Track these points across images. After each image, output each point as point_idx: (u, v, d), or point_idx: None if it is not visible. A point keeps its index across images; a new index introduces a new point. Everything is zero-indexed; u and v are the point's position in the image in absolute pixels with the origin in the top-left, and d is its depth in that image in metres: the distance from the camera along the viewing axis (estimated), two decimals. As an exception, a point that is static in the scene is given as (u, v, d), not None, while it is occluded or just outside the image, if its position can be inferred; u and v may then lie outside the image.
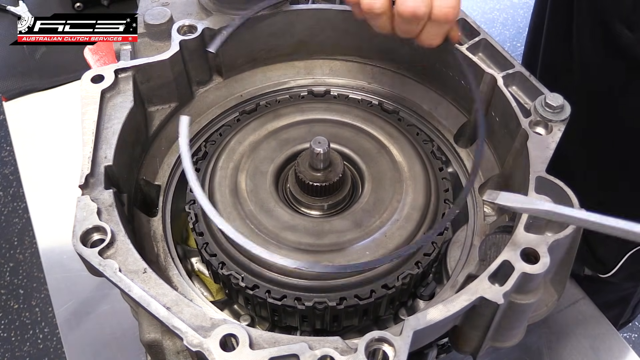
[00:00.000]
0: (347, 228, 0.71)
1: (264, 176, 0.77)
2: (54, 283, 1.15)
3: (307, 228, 0.72)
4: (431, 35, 0.72)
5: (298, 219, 0.73)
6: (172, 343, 0.68)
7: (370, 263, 0.67)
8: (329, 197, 0.75)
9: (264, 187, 0.76)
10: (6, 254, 2.62)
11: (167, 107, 0.86)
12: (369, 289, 0.68)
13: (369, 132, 0.81)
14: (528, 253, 0.60)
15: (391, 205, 0.73)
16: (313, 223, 0.73)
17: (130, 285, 0.59)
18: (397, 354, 0.53)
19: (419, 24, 0.70)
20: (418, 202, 0.73)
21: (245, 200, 0.74)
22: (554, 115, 0.71)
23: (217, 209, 0.72)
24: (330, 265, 0.68)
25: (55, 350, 2.34)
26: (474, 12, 3.74)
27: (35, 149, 1.38)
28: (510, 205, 0.59)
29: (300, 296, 0.67)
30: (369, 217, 0.72)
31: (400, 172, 0.77)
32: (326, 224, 0.72)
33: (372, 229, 0.71)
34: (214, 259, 0.70)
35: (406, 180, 0.76)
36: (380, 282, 0.68)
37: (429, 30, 0.71)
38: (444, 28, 0.71)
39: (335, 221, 0.73)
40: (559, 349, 1.05)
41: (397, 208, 0.73)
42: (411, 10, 0.67)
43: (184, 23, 0.84)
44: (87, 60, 1.46)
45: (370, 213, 0.73)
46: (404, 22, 0.70)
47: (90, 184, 0.68)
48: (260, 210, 0.73)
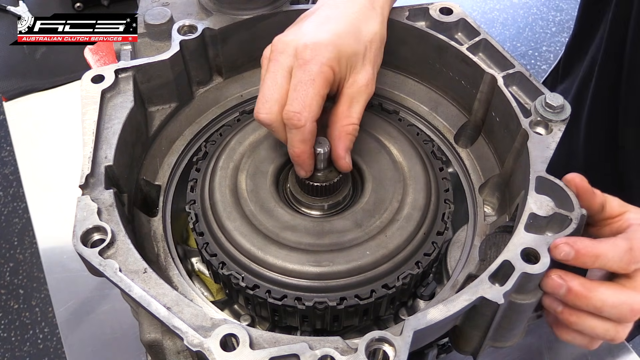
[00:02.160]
0: (348, 228, 0.71)
1: (264, 176, 0.77)
2: (54, 283, 1.15)
3: (308, 228, 0.71)
4: (291, 144, 0.68)
5: (298, 219, 0.73)
6: (173, 343, 0.68)
7: None
8: (329, 197, 0.75)
9: (264, 187, 0.75)
10: (6, 254, 2.62)
11: (168, 107, 0.86)
12: (369, 289, 0.68)
13: (369, 132, 0.81)
14: (528, 253, 0.60)
15: (391, 205, 0.73)
16: (313, 223, 0.73)
17: (131, 285, 0.59)
18: (397, 353, 0.53)
19: (273, 127, 0.69)
20: (418, 202, 0.73)
21: (245, 200, 0.74)
22: (554, 115, 0.71)
23: (218, 208, 0.72)
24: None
25: (55, 350, 2.34)
26: (474, 12, 3.74)
27: (35, 149, 1.38)
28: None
29: (301, 296, 0.67)
30: (370, 217, 0.72)
31: (400, 172, 0.77)
32: (326, 223, 0.72)
33: (372, 229, 0.71)
34: (214, 258, 0.70)
35: (406, 180, 0.76)
36: (381, 282, 0.68)
37: (288, 136, 0.68)
38: (298, 136, 0.67)
39: (336, 221, 0.73)
40: (559, 349, 1.05)
41: (397, 208, 0.73)
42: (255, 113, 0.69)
43: (184, 23, 0.84)
44: (87, 60, 1.46)
45: (370, 213, 0.73)
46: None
47: (90, 184, 0.68)
48: (260, 210, 0.73)
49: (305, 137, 0.67)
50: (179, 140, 0.88)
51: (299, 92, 0.66)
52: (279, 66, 0.68)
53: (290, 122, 0.66)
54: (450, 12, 0.85)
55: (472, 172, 0.84)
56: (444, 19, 0.84)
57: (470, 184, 0.83)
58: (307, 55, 0.67)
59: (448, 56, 0.83)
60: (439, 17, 0.85)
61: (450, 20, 0.84)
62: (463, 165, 0.85)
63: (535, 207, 0.63)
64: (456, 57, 0.81)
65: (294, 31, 0.72)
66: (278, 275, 0.68)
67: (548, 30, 3.68)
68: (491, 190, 0.81)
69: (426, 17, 0.86)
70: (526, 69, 0.77)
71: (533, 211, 0.63)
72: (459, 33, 0.85)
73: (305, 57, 0.67)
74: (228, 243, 0.70)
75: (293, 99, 0.66)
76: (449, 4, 0.86)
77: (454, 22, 0.84)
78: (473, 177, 0.83)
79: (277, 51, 0.70)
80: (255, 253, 0.69)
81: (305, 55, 0.67)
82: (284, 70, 0.68)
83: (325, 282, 0.67)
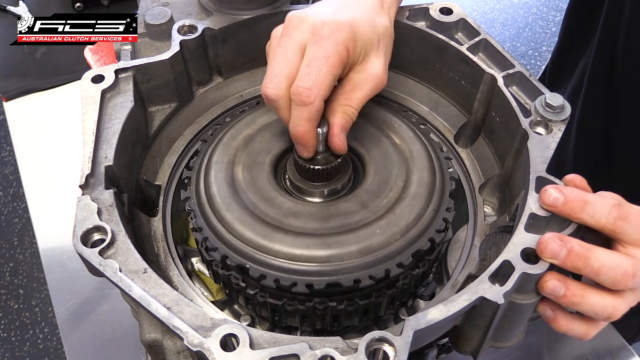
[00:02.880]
0: (354, 210, 0.69)
1: (261, 167, 0.74)
2: (54, 283, 1.15)
3: (312, 213, 0.69)
4: (296, 122, 0.66)
5: (301, 205, 0.71)
6: (173, 343, 0.68)
7: None
8: (330, 182, 0.73)
9: (262, 178, 0.73)
10: (6, 254, 2.63)
11: (168, 107, 0.86)
12: (384, 269, 0.65)
13: (366, 118, 0.79)
14: (528, 253, 0.60)
15: (396, 184, 0.71)
16: (317, 208, 0.70)
17: (131, 285, 0.59)
18: (397, 353, 0.53)
19: (279, 105, 0.66)
20: (424, 180, 0.71)
21: (243, 191, 0.71)
22: (554, 115, 0.71)
23: (216, 201, 0.70)
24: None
25: (55, 350, 2.34)
26: (474, 12, 3.75)
27: (35, 149, 1.38)
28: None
29: (312, 282, 0.64)
30: (375, 198, 0.70)
31: (401, 154, 0.75)
32: (331, 207, 0.70)
33: (379, 209, 0.68)
34: (216, 253, 0.68)
35: (409, 160, 0.74)
36: (394, 260, 0.66)
37: (294, 114, 0.66)
38: (305, 113, 0.65)
39: (340, 204, 0.70)
40: (559, 349, 1.05)
41: (402, 187, 0.70)
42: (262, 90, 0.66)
43: (184, 23, 0.84)
44: (87, 60, 1.46)
45: (375, 194, 0.70)
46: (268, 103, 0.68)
47: (90, 184, 0.68)
48: (260, 199, 0.70)
49: (312, 115, 0.65)
50: (179, 140, 0.88)
51: (312, 67, 0.64)
52: (292, 41, 0.67)
53: (299, 99, 0.64)
54: (450, 12, 0.85)
55: (472, 172, 0.84)
56: (444, 19, 0.84)
57: (470, 184, 0.83)
58: (325, 32, 0.65)
59: (448, 56, 0.83)
60: (439, 17, 0.85)
61: (450, 20, 0.84)
62: (463, 165, 0.85)
63: (535, 207, 0.63)
64: (456, 57, 0.81)
65: (309, 10, 0.70)
66: (286, 262, 0.64)
67: (548, 30, 3.69)
68: (491, 190, 0.81)
69: (426, 17, 0.86)
70: (526, 69, 0.77)
71: (533, 211, 0.63)
72: (459, 33, 0.85)
73: (322, 33, 0.65)
74: (229, 234, 0.67)
75: (305, 74, 0.64)
76: (449, 4, 0.86)
77: (454, 22, 0.84)
78: (473, 177, 0.83)
79: (290, 27, 0.68)
80: (260, 241, 0.65)
81: (323, 32, 0.65)
82: (296, 46, 0.66)
83: (336, 264, 0.64)
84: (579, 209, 0.61)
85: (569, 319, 0.66)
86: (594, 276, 0.60)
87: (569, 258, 0.59)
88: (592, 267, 0.60)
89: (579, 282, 0.63)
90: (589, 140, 1.20)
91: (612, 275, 0.60)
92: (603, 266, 0.60)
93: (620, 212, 0.61)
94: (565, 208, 0.61)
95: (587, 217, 0.61)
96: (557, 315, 0.65)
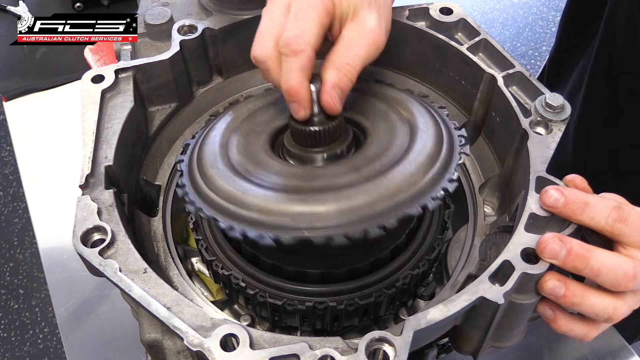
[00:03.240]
0: (343, 172, 0.64)
1: (259, 135, 0.72)
2: (54, 283, 1.15)
3: (297, 173, 0.65)
4: (288, 76, 0.63)
5: (289, 167, 0.67)
6: (173, 343, 0.68)
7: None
8: (327, 147, 0.69)
9: (256, 144, 0.70)
10: (6, 254, 2.63)
11: (168, 107, 0.86)
12: (362, 228, 0.59)
13: (376, 96, 0.75)
14: (528, 253, 0.60)
15: (395, 152, 0.66)
16: (305, 170, 0.67)
17: (131, 285, 0.59)
18: (397, 353, 0.53)
19: (268, 65, 0.64)
20: (427, 149, 0.65)
21: (233, 152, 0.68)
22: (554, 115, 0.71)
23: (203, 160, 0.68)
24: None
25: (55, 350, 2.34)
26: (474, 12, 3.75)
27: (35, 149, 1.38)
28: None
29: (281, 238, 0.59)
30: (369, 163, 0.65)
31: (408, 126, 0.70)
32: (320, 169, 0.67)
33: (370, 172, 0.63)
34: (192, 206, 0.64)
35: (415, 132, 0.69)
36: (375, 221, 0.60)
37: (285, 67, 0.63)
38: (296, 63, 0.62)
39: (331, 167, 0.66)
40: (559, 349, 1.05)
41: (401, 154, 0.65)
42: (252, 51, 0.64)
43: (184, 23, 0.84)
44: (87, 60, 1.46)
45: (371, 160, 0.66)
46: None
47: (90, 184, 0.68)
48: (249, 161, 0.67)
49: (303, 65, 0.62)
50: (179, 140, 0.88)
51: (299, 16, 0.63)
52: (277, 3, 0.66)
53: (289, 48, 0.62)
54: (450, 12, 0.85)
55: (472, 172, 0.84)
56: (444, 19, 0.84)
57: (470, 184, 0.83)
58: None
59: (448, 56, 0.83)
60: (439, 17, 0.85)
61: (450, 20, 0.84)
62: (463, 165, 0.85)
63: (535, 207, 0.63)
64: (456, 57, 0.82)
65: None
66: (256, 214, 0.60)
67: (548, 30, 3.69)
68: (491, 190, 0.81)
69: (426, 17, 0.86)
70: (526, 69, 0.77)
71: (533, 211, 0.63)
72: (459, 33, 0.85)
73: None
74: (207, 188, 0.64)
75: (292, 24, 0.62)
76: (449, 4, 0.86)
77: (454, 22, 0.84)
78: (473, 177, 0.83)
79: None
80: (235, 195, 0.62)
81: None
82: (282, 6, 0.65)
83: (309, 221, 0.59)
84: (579, 211, 0.61)
85: (569, 319, 0.66)
86: (594, 277, 0.60)
87: (569, 258, 0.59)
88: (592, 268, 0.60)
89: (579, 283, 0.63)
90: (588, 140, 1.20)
91: (612, 277, 0.60)
92: (603, 267, 0.59)
93: (620, 214, 0.61)
94: (565, 209, 0.61)
95: (587, 219, 0.61)
96: (557, 316, 0.65)
